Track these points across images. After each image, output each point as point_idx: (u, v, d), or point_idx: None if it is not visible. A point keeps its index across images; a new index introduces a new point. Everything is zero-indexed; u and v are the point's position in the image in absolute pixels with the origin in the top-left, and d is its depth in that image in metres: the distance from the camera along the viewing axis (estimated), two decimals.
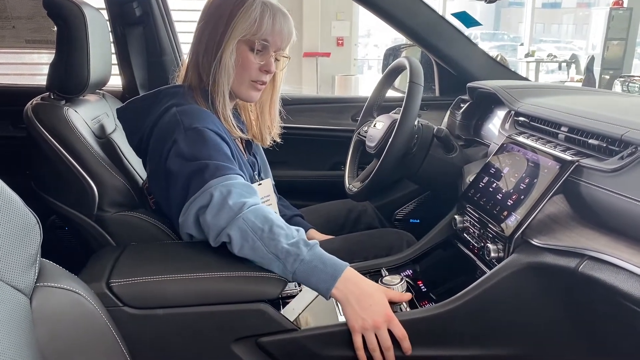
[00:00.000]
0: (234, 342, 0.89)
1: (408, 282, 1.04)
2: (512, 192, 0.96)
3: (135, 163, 1.26)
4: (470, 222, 1.06)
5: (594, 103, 1.14)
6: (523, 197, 0.92)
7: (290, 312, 0.92)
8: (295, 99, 1.80)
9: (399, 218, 1.66)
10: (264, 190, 1.18)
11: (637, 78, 5.66)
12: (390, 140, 1.18)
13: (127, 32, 1.71)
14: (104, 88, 1.36)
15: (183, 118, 1.00)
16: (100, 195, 1.07)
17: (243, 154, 1.15)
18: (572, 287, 0.83)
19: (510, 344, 0.93)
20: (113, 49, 1.66)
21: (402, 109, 1.18)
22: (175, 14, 1.83)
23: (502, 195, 0.98)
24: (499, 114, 1.31)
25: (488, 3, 1.36)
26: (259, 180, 1.18)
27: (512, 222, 0.91)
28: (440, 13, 1.57)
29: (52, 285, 0.58)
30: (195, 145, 0.96)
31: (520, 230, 0.88)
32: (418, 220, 1.64)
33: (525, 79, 1.67)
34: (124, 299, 0.86)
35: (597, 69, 6.86)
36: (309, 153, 1.77)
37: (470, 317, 0.91)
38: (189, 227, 0.96)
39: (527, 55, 7.86)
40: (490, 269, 0.92)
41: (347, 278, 0.88)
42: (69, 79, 1.13)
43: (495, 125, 1.30)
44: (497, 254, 0.93)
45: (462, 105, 1.46)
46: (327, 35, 6.66)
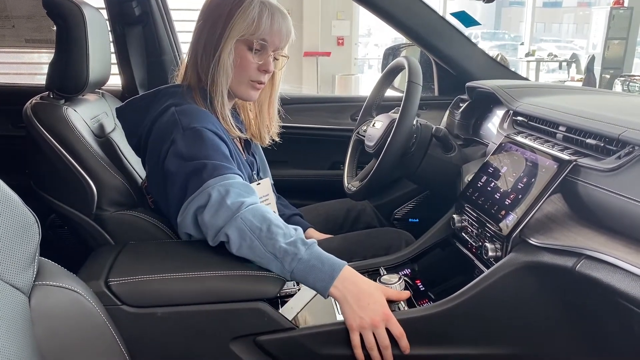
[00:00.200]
0: (232, 340, 0.89)
1: (406, 281, 1.04)
2: (510, 191, 0.96)
3: (135, 162, 1.26)
4: (469, 221, 1.06)
5: (593, 103, 1.14)
6: (521, 196, 0.92)
7: (289, 311, 0.92)
8: (295, 99, 1.80)
9: (398, 217, 1.66)
10: (263, 190, 1.18)
11: (637, 77, 5.66)
12: (389, 140, 1.18)
13: (126, 31, 1.71)
14: (104, 87, 1.36)
15: (181, 118, 1.00)
16: (99, 194, 1.07)
17: (242, 154, 1.15)
18: (569, 286, 0.83)
19: (509, 343, 0.93)
20: (112, 49, 1.66)
21: (400, 109, 1.18)
22: (175, 14, 1.84)
23: (500, 195, 0.98)
24: (498, 114, 1.31)
25: (486, 3, 1.36)
26: (258, 180, 1.19)
27: (509, 221, 0.91)
28: (441, 13, 1.57)
29: (50, 284, 0.59)
30: (194, 145, 0.96)
31: (518, 230, 0.89)
32: (417, 220, 1.64)
33: (525, 79, 1.67)
34: (123, 298, 0.86)
35: (597, 69, 6.85)
36: (308, 152, 1.77)
37: (468, 316, 0.91)
38: (188, 226, 0.96)
39: (527, 55, 7.85)
40: (488, 268, 0.92)
41: (345, 277, 0.88)
42: (68, 78, 1.13)
43: (494, 125, 1.30)
44: (494, 253, 0.93)
45: (461, 105, 1.46)
46: (327, 35, 6.66)
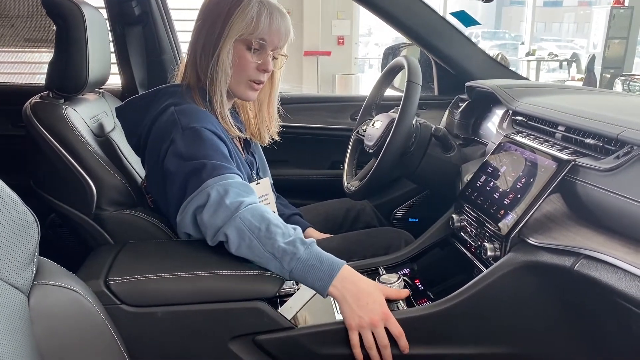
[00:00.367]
0: (231, 340, 0.89)
1: (405, 280, 1.04)
2: (509, 191, 0.96)
3: (134, 162, 1.26)
4: (468, 221, 1.06)
5: (592, 103, 1.14)
6: (520, 196, 0.92)
7: (288, 310, 0.92)
8: (295, 98, 1.80)
9: (398, 217, 1.66)
10: (262, 189, 1.18)
11: (637, 77, 5.65)
12: (388, 139, 1.18)
13: (126, 31, 1.71)
14: (103, 87, 1.36)
15: (181, 117, 1.00)
16: (99, 194, 1.07)
17: (241, 153, 1.15)
18: (568, 285, 0.83)
19: (508, 343, 0.93)
20: (112, 48, 1.66)
21: (400, 108, 1.18)
22: (175, 13, 1.84)
23: (499, 194, 0.98)
24: (497, 113, 1.31)
25: (485, 2, 1.36)
26: (257, 180, 1.19)
27: (508, 221, 0.91)
28: (441, 12, 1.57)
29: (49, 283, 0.59)
30: (193, 145, 0.96)
31: (517, 229, 0.89)
32: (416, 219, 1.64)
33: (525, 79, 1.67)
34: (122, 297, 0.86)
35: (598, 68, 6.85)
36: (308, 152, 1.77)
37: (467, 315, 0.91)
38: (187, 226, 0.96)
39: (528, 54, 7.85)
40: (487, 268, 0.92)
41: (344, 276, 0.88)
42: (68, 78, 1.13)
43: (494, 125, 1.30)
44: (493, 253, 0.93)
45: (460, 105, 1.46)
46: (327, 34, 6.66)
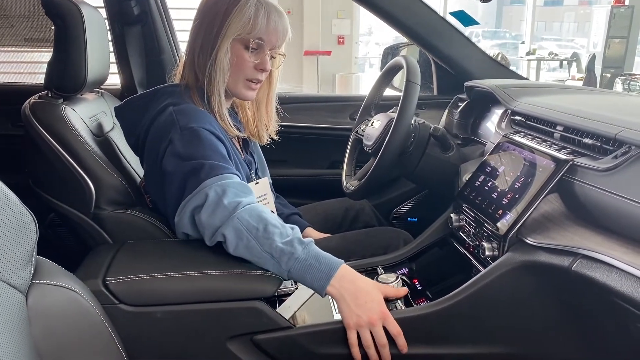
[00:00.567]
0: (230, 339, 0.90)
1: (404, 280, 1.04)
2: (507, 190, 0.96)
3: (133, 161, 1.26)
4: (466, 220, 1.06)
5: (591, 102, 1.14)
6: (518, 195, 0.92)
7: (286, 310, 0.92)
8: (294, 98, 1.80)
9: (397, 217, 1.66)
10: (261, 189, 1.18)
11: (638, 76, 5.65)
12: (387, 139, 1.18)
13: (125, 30, 1.71)
14: (103, 86, 1.37)
15: (179, 117, 1.00)
16: (98, 193, 1.07)
17: (240, 153, 1.15)
18: (565, 285, 0.83)
19: (506, 343, 0.94)
20: (111, 48, 1.66)
21: (398, 108, 1.18)
22: (174, 13, 1.84)
23: (497, 194, 0.98)
24: (497, 113, 1.31)
25: (484, 2, 1.36)
26: (256, 179, 1.19)
27: (507, 220, 0.91)
28: (441, 12, 1.57)
29: (48, 283, 0.59)
30: (191, 145, 0.97)
31: (515, 229, 0.89)
32: (416, 219, 1.64)
33: (524, 78, 1.67)
34: (120, 297, 0.86)
35: (598, 67, 6.83)
36: (307, 151, 1.77)
37: (465, 315, 0.91)
38: (185, 226, 0.96)
39: (528, 54, 7.83)
40: (485, 268, 0.92)
41: (342, 275, 0.88)
42: (67, 78, 1.13)
43: (493, 124, 1.30)
44: (491, 253, 0.93)
45: (459, 104, 1.46)
46: (327, 34, 6.65)
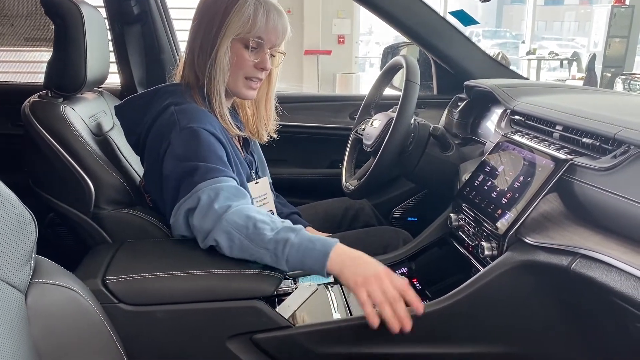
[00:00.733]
0: (229, 338, 0.90)
1: None
2: (506, 190, 0.96)
3: (133, 161, 1.26)
4: (465, 220, 1.06)
5: (590, 102, 1.14)
6: (517, 195, 0.92)
7: (286, 309, 0.92)
8: (294, 97, 1.81)
9: (397, 216, 1.66)
10: (261, 189, 1.18)
11: (638, 76, 5.65)
12: (387, 138, 1.18)
13: (125, 30, 1.71)
14: (103, 86, 1.37)
15: (180, 117, 1.00)
16: (97, 193, 1.07)
17: (240, 153, 1.15)
18: (564, 285, 0.83)
19: (505, 342, 0.94)
20: (111, 47, 1.66)
21: (398, 107, 1.18)
22: (174, 12, 1.84)
23: (496, 194, 0.98)
24: (496, 113, 1.31)
25: (483, 2, 1.36)
26: (256, 179, 1.19)
27: (506, 220, 0.91)
28: (442, 11, 1.57)
29: (47, 282, 0.59)
30: (189, 146, 0.96)
31: (514, 229, 0.89)
32: (415, 219, 1.64)
33: (524, 78, 1.67)
34: (119, 296, 0.86)
35: (598, 67, 6.83)
36: (307, 151, 1.77)
37: (465, 314, 0.91)
38: (180, 228, 0.96)
39: (528, 53, 7.83)
40: (485, 267, 0.92)
41: (339, 251, 0.88)
42: (67, 77, 1.13)
43: (493, 124, 1.30)
44: (490, 252, 0.93)
45: (459, 104, 1.46)
46: (328, 33, 6.65)
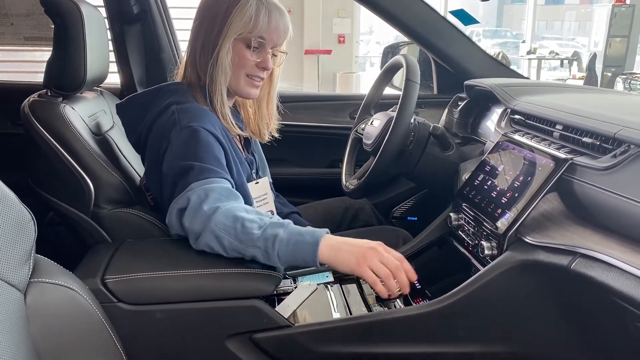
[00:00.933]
0: (229, 338, 0.90)
1: None
2: (506, 189, 0.96)
3: (133, 160, 1.26)
4: (465, 219, 1.06)
5: (590, 101, 1.14)
6: (517, 194, 0.92)
7: (285, 308, 0.92)
8: (294, 97, 1.81)
9: (397, 216, 1.66)
10: (261, 189, 1.18)
11: (639, 75, 5.64)
12: (387, 138, 1.18)
13: (125, 29, 1.71)
14: (102, 85, 1.37)
15: (181, 116, 1.00)
16: (97, 192, 1.07)
17: (241, 152, 1.15)
18: (564, 284, 0.83)
19: (505, 342, 0.94)
20: (111, 47, 1.66)
21: (398, 107, 1.18)
22: (174, 12, 1.84)
23: (496, 193, 0.98)
24: (496, 112, 1.31)
25: (484, 1, 1.36)
26: (257, 179, 1.19)
27: (506, 219, 0.91)
28: (442, 11, 1.57)
29: (46, 281, 0.59)
30: (187, 145, 0.96)
31: (514, 228, 0.88)
32: (415, 218, 1.64)
33: (524, 77, 1.67)
34: (119, 295, 0.86)
35: (599, 67, 6.83)
36: (307, 150, 1.77)
37: (464, 314, 0.91)
38: (174, 227, 0.96)
39: (529, 53, 7.84)
40: (484, 267, 0.92)
41: (330, 239, 0.88)
42: (66, 76, 1.13)
43: (493, 123, 1.30)
44: (490, 252, 0.93)
45: (459, 103, 1.46)
46: (328, 33, 6.65)
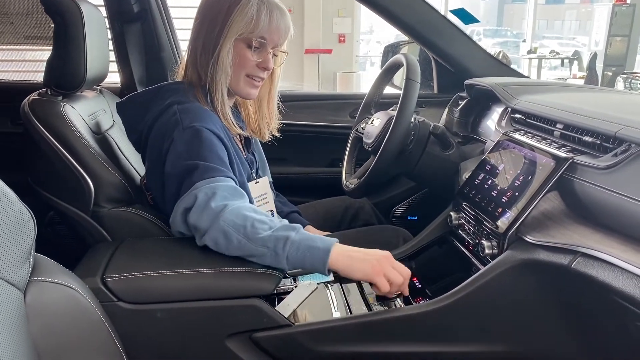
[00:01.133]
0: (228, 337, 0.89)
1: None
2: (507, 189, 0.96)
3: (132, 159, 1.26)
4: (466, 219, 1.06)
5: (591, 100, 1.14)
6: (518, 194, 0.92)
7: (285, 307, 0.92)
8: (294, 96, 1.80)
9: (397, 215, 1.66)
10: (262, 188, 1.18)
11: (639, 75, 5.63)
12: (387, 137, 1.18)
13: (125, 28, 1.71)
14: (102, 84, 1.36)
15: (183, 117, 1.00)
16: (97, 191, 1.07)
17: (242, 152, 1.15)
18: (565, 284, 0.83)
19: (505, 341, 0.93)
20: (111, 46, 1.66)
21: (398, 106, 1.18)
22: (174, 11, 1.83)
23: (497, 192, 0.98)
24: (497, 111, 1.31)
25: (484, 0, 1.36)
26: (257, 179, 1.18)
27: (506, 218, 0.91)
28: (442, 10, 1.57)
29: (46, 280, 0.59)
30: (190, 145, 0.96)
31: (514, 227, 0.89)
32: (415, 217, 1.64)
33: (525, 77, 1.67)
34: (119, 294, 0.86)
35: (599, 66, 6.82)
36: (307, 150, 1.77)
37: (465, 313, 0.91)
38: (178, 226, 0.96)
39: (529, 52, 7.83)
40: (485, 266, 0.92)
41: (340, 249, 0.90)
42: (66, 75, 1.13)
43: (493, 122, 1.29)
44: (491, 251, 0.93)
45: (460, 103, 1.46)
46: (328, 32, 6.64)
